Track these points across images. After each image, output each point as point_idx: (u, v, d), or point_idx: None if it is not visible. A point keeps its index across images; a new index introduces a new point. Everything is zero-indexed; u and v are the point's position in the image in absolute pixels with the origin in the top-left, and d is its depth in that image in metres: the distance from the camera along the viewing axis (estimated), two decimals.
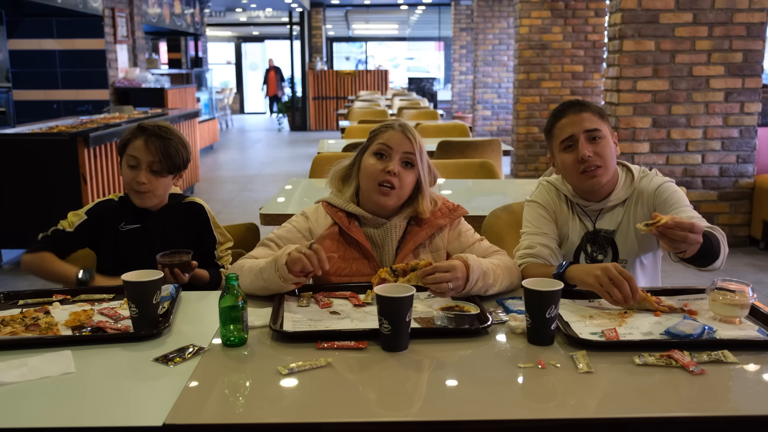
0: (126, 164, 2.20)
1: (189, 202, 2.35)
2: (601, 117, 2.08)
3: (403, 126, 2.06)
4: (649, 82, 5.25)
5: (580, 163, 2.04)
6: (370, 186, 2.01)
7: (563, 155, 2.09)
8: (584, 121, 2.05)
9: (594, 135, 2.05)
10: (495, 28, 12.00)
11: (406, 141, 2.02)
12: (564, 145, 2.08)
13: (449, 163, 4.10)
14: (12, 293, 1.92)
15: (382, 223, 2.05)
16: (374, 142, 2.06)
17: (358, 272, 2.02)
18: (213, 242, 2.32)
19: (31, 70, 8.65)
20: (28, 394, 1.36)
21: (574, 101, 2.13)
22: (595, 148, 2.04)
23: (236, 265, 1.97)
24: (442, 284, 1.74)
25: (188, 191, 7.94)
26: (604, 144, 2.05)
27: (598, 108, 2.11)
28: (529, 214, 2.19)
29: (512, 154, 8.72)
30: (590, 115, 2.06)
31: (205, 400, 1.34)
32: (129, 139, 2.21)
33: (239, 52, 23.33)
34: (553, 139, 2.12)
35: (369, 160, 2.03)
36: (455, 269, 1.76)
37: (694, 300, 1.85)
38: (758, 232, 5.43)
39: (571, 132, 2.06)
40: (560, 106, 2.15)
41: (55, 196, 5.08)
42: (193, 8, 13.20)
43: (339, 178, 2.13)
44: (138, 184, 2.17)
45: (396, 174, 1.98)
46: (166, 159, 2.18)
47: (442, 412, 1.30)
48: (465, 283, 1.79)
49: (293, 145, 13.28)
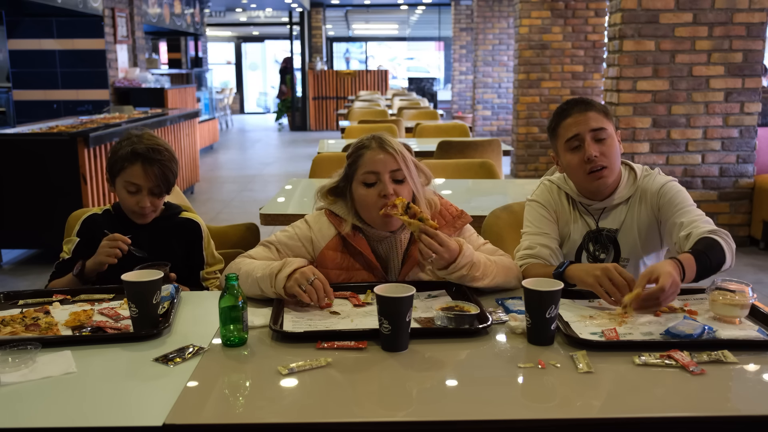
0: (125, 189, 2.17)
1: (185, 218, 2.30)
2: (606, 115, 2.07)
3: (379, 141, 1.98)
4: (649, 82, 5.25)
5: (587, 163, 2.02)
6: (372, 216, 1.97)
7: (569, 155, 2.07)
8: (590, 120, 2.04)
9: (600, 135, 2.04)
10: (495, 28, 12.00)
11: (389, 158, 1.95)
12: (569, 145, 2.06)
13: (449, 163, 4.10)
14: (12, 293, 1.92)
15: (386, 237, 2.03)
16: (358, 169, 1.98)
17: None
18: (201, 263, 2.28)
19: (31, 70, 8.65)
20: (28, 394, 1.36)
21: (579, 99, 2.11)
22: (601, 148, 2.03)
23: (233, 264, 1.96)
24: (428, 251, 1.80)
25: (188, 191, 7.94)
26: (609, 143, 2.04)
27: (602, 106, 2.10)
28: (530, 213, 2.18)
29: (512, 154, 8.71)
30: (596, 113, 2.05)
31: (205, 400, 1.34)
32: (124, 166, 2.16)
33: (239, 52, 23.32)
34: (558, 138, 2.10)
35: (360, 191, 1.97)
36: (448, 248, 1.82)
37: (694, 300, 1.85)
38: (758, 232, 5.43)
39: (576, 131, 2.04)
40: (564, 104, 2.13)
41: (55, 196, 5.08)
42: (193, 8, 13.20)
43: (327, 192, 2.06)
44: (142, 209, 2.17)
45: (393, 193, 1.94)
46: (165, 183, 2.19)
47: (442, 412, 1.30)
48: (449, 264, 1.82)
49: (293, 145, 13.28)
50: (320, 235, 2.03)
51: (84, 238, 2.20)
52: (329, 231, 2.03)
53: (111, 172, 2.21)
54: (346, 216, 2.01)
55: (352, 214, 2.02)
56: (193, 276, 2.25)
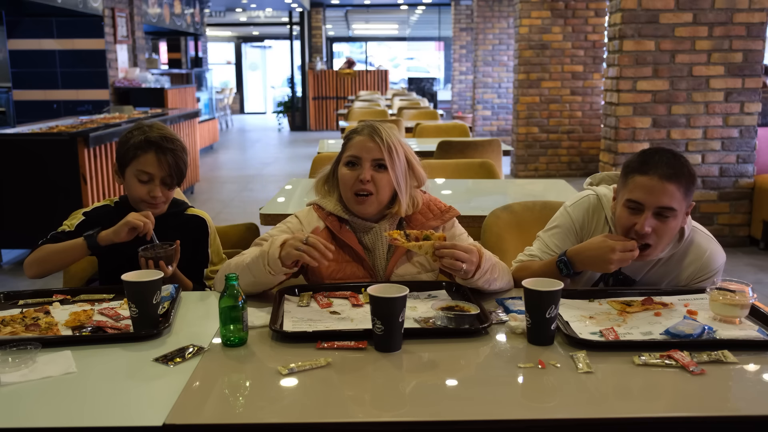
0: (136, 178, 2.14)
1: (192, 214, 2.29)
2: (687, 191, 1.85)
3: (371, 129, 2.02)
4: (649, 82, 5.25)
5: (633, 232, 1.86)
6: (347, 196, 2.02)
7: (624, 210, 1.88)
8: (665, 196, 1.81)
9: (665, 212, 1.83)
10: (495, 28, 12.01)
11: (374, 147, 1.98)
12: (629, 203, 1.86)
13: (449, 163, 4.10)
14: (12, 293, 1.92)
15: (371, 227, 2.04)
16: (345, 151, 2.05)
17: (352, 275, 2.02)
18: (205, 261, 2.26)
19: (31, 70, 8.65)
20: (28, 394, 1.36)
21: (670, 160, 1.85)
22: (658, 226, 1.84)
23: (225, 265, 1.98)
24: (457, 263, 1.77)
25: (188, 191, 7.94)
26: (669, 224, 1.84)
27: (690, 177, 1.85)
28: (558, 228, 2.08)
29: (512, 154, 8.72)
30: (676, 188, 1.82)
31: (205, 400, 1.34)
32: (137, 154, 2.14)
33: (239, 52, 23.32)
34: (626, 185, 1.89)
35: (343, 170, 2.03)
36: (473, 253, 1.80)
37: (694, 300, 1.85)
38: (758, 232, 5.43)
39: (643, 200, 1.83)
40: (655, 154, 1.87)
41: (55, 196, 5.08)
42: (193, 8, 13.20)
43: (322, 184, 2.12)
44: (153, 198, 2.15)
45: (369, 180, 1.97)
46: (177, 173, 2.17)
47: (443, 412, 1.30)
48: (476, 269, 1.81)
49: (293, 145, 13.28)
50: (310, 228, 2.05)
51: (90, 220, 2.17)
52: (318, 224, 2.06)
53: (121, 162, 2.17)
54: (333, 209, 2.04)
55: (339, 201, 2.05)
56: (196, 273, 2.24)
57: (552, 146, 8.69)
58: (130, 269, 1.73)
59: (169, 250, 2.01)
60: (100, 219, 2.17)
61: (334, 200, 2.07)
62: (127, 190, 2.20)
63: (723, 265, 2.01)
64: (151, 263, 1.97)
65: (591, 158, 8.62)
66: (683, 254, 1.99)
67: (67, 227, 2.17)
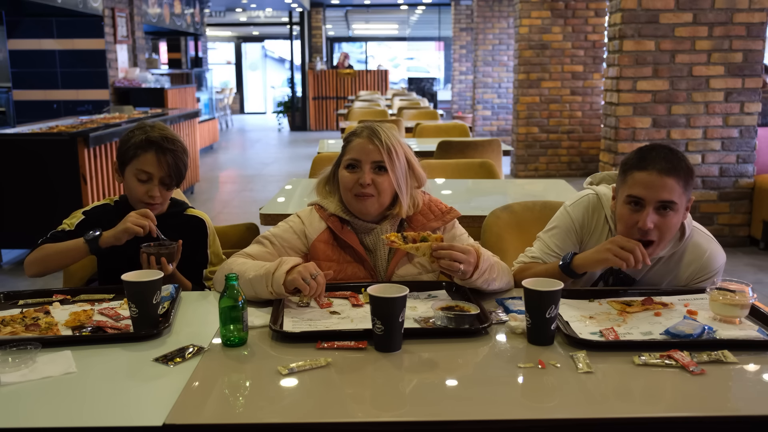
0: (135, 177, 2.15)
1: (191, 215, 2.29)
2: (686, 184, 1.86)
3: (370, 132, 2.02)
4: (649, 82, 5.25)
5: (635, 229, 1.86)
6: (348, 197, 2.02)
7: (625, 208, 1.88)
8: (664, 190, 1.82)
9: (666, 207, 1.84)
10: (495, 28, 12.01)
11: (374, 149, 1.98)
12: (629, 200, 1.87)
13: (449, 163, 4.10)
14: (12, 293, 1.92)
15: (372, 228, 2.04)
16: (345, 154, 2.05)
17: (353, 276, 2.02)
18: (204, 262, 2.26)
19: (31, 70, 8.65)
20: (28, 394, 1.36)
21: (667, 155, 1.85)
22: (660, 221, 1.84)
23: (226, 264, 1.97)
24: (455, 263, 1.77)
25: (188, 191, 7.94)
26: (671, 218, 1.85)
27: (687, 171, 1.86)
28: (558, 228, 2.08)
29: (512, 154, 8.72)
30: (675, 182, 1.82)
31: (205, 400, 1.34)
32: (137, 153, 2.14)
33: (239, 52, 23.32)
34: (625, 182, 1.89)
35: (343, 173, 2.03)
36: (470, 253, 1.80)
37: (694, 300, 1.85)
38: (758, 232, 5.43)
39: (643, 195, 1.84)
40: (651, 150, 1.88)
41: (55, 196, 5.08)
42: (193, 8, 13.20)
43: (323, 186, 2.12)
44: (151, 198, 2.15)
45: (370, 183, 1.97)
46: (176, 174, 2.18)
47: (443, 412, 1.30)
48: (474, 270, 1.81)
49: (293, 145, 13.28)
50: (312, 228, 2.05)
51: (90, 219, 2.17)
52: (320, 225, 2.05)
53: (122, 160, 2.18)
54: (335, 209, 2.04)
55: (340, 202, 2.05)
56: (195, 274, 2.24)
57: (552, 146, 8.69)
58: (130, 269, 1.73)
59: (172, 248, 2.01)
60: (100, 218, 2.17)
61: (335, 201, 2.07)
62: (127, 190, 2.21)
63: (723, 266, 2.01)
64: (153, 260, 1.97)
65: (591, 158, 8.62)
66: (683, 254, 1.99)
67: (67, 226, 2.17)
